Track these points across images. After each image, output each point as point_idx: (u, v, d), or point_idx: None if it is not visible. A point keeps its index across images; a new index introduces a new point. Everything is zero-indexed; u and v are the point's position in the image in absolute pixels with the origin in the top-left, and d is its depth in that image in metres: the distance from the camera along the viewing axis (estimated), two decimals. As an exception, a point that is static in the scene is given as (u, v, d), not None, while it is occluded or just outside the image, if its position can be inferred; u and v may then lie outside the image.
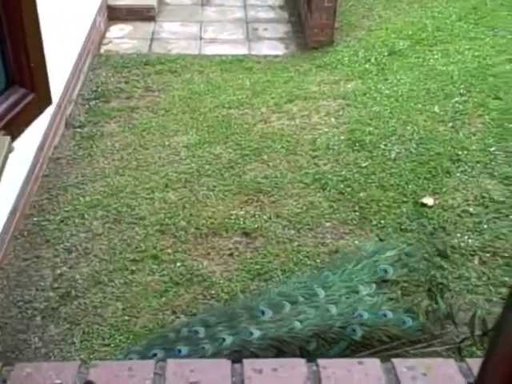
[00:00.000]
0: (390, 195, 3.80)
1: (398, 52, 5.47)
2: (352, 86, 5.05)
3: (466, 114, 4.51)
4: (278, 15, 6.64)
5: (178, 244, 3.51)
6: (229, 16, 6.60)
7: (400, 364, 1.50)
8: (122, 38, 6.07)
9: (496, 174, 3.90)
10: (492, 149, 4.13)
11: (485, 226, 3.52)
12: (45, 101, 3.14)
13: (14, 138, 2.34)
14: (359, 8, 6.57)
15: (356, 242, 3.45)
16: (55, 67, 3.28)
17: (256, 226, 3.61)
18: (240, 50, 5.86)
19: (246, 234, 3.57)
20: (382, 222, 3.61)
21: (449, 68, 5.09)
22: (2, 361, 1.42)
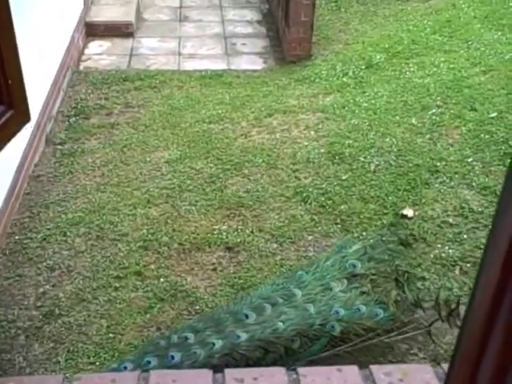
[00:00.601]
0: (370, 207, 3.85)
1: (375, 65, 5.55)
2: (330, 100, 5.11)
3: (443, 125, 4.58)
4: (256, 30, 6.71)
5: (161, 260, 3.51)
6: (207, 31, 6.65)
7: (378, 370, 1.54)
8: (100, 54, 6.08)
9: (474, 184, 3.97)
10: (469, 159, 4.20)
11: (464, 236, 3.57)
12: (23, 117, 3.13)
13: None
14: (336, 22, 6.66)
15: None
16: (34, 84, 3.28)
17: (239, 240, 3.63)
18: (219, 65, 5.91)
19: (229, 249, 3.58)
20: (364, 233, 3.65)
21: (425, 80, 5.18)
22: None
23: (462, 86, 5.02)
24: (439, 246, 3.53)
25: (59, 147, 4.57)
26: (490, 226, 0.63)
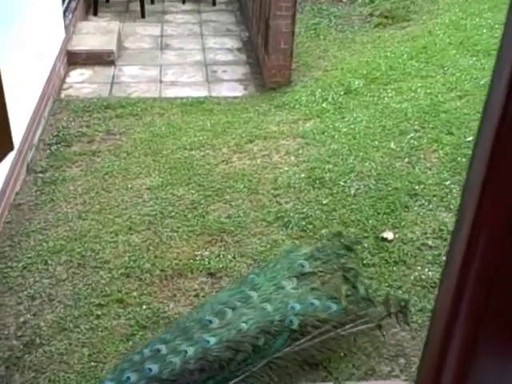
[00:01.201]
0: (351, 231, 3.88)
1: (354, 91, 5.64)
2: (310, 125, 5.18)
3: (421, 149, 4.66)
4: (237, 57, 6.79)
5: (143, 287, 3.51)
6: (188, 59, 6.72)
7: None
8: (82, 82, 6.12)
9: (452, 207, 4.03)
10: (447, 182, 4.27)
11: (444, 258, 3.61)
12: (6, 146, 3.16)
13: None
14: (315, 49, 6.77)
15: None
16: (15, 113, 3.31)
17: (221, 265, 3.64)
18: (200, 92, 5.96)
19: (211, 275, 3.59)
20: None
21: (403, 105, 5.27)
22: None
23: (439, 110, 5.11)
24: (419, 268, 3.57)
25: (40, 175, 4.57)
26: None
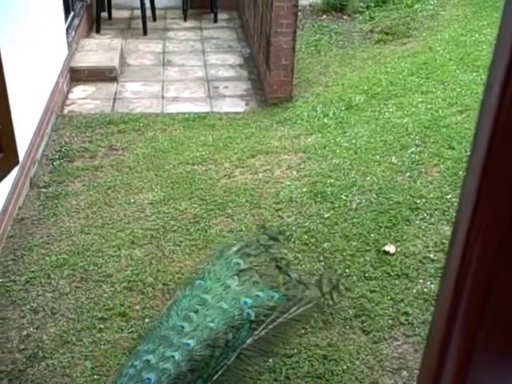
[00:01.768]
0: (353, 244, 3.89)
1: (355, 106, 5.68)
2: (312, 140, 5.21)
3: (423, 163, 4.68)
4: (238, 73, 6.84)
5: (145, 300, 3.52)
6: (190, 75, 6.77)
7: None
8: (85, 98, 6.16)
9: (453, 220, 4.03)
10: (449, 196, 4.29)
11: (445, 272, 3.62)
12: (12, 161, 3.19)
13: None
14: (316, 65, 6.82)
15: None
16: (19, 128, 3.33)
17: (223, 279, 3.64)
18: (202, 108, 6.00)
19: (214, 288, 3.59)
20: (347, 270, 3.69)
21: (403, 120, 5.30)
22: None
23: (440, 125, 5.14)
24: (421, 281, 3.58)
25: (43, 190, 4.59)
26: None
